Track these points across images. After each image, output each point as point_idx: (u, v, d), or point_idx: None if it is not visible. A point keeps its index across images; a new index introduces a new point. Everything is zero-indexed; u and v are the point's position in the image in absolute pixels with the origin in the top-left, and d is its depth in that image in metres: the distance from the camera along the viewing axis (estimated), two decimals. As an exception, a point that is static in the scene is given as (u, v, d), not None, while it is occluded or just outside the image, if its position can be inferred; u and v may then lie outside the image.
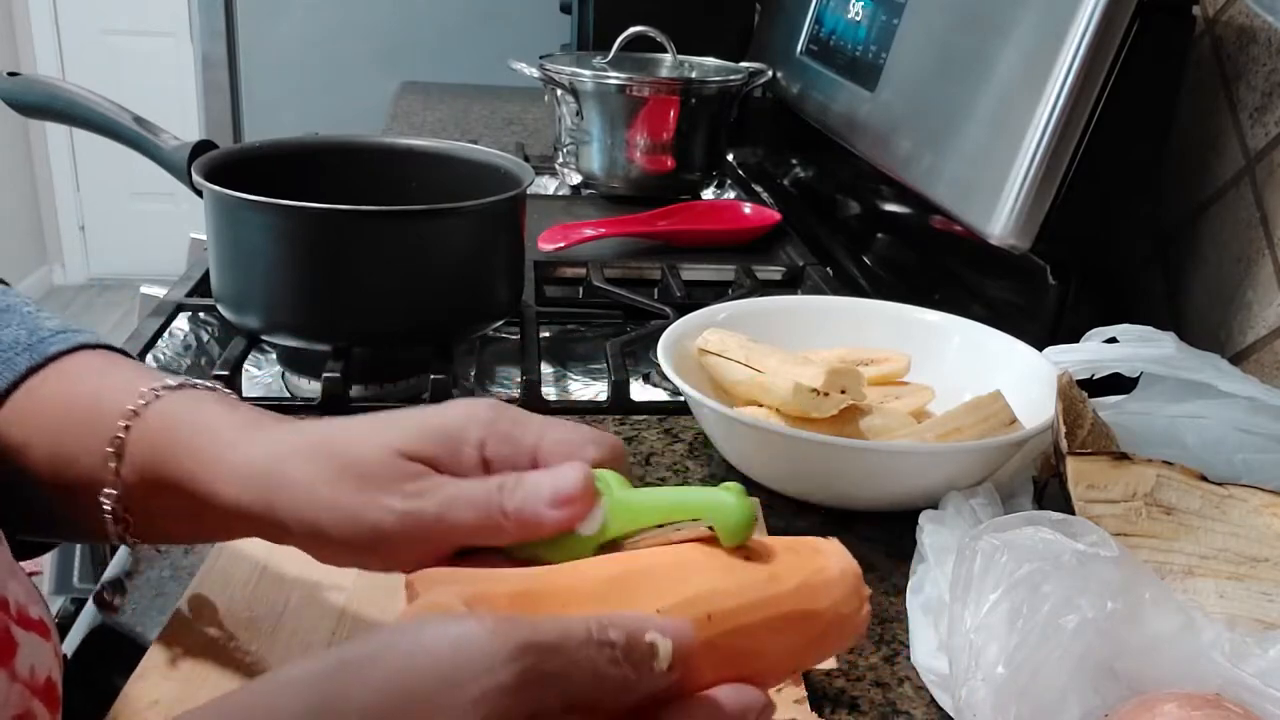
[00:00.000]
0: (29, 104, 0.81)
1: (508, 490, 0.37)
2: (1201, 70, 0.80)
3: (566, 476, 0.37)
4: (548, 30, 1.96)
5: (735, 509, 0.36)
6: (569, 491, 0.37)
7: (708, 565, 0.36)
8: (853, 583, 0.37)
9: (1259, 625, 0.49)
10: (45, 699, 0.35)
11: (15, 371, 0.44)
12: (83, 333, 0.47)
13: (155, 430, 0.42)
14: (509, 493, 0.37)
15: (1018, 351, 0.70)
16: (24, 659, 0.34)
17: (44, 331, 0.46)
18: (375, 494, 0.38)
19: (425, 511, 0.38)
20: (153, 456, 0.41)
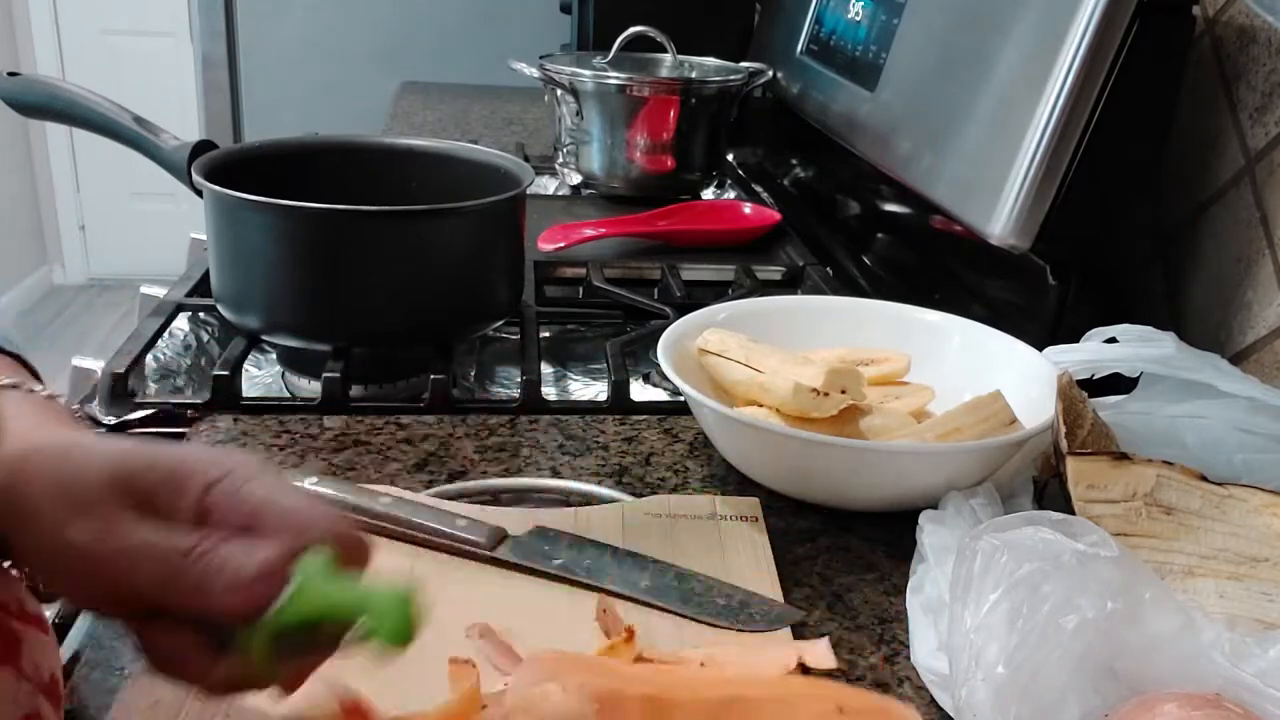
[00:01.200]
0: (29, 104, 0.82)
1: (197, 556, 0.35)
2: (1201, 70, 0.80)
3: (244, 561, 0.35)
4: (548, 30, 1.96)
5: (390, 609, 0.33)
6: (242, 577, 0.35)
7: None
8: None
9: (1259, 625, 0.49)
10: (50, 696, 0.35)
11: None
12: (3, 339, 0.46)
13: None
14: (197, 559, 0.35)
15: (1018, 351, 0.70)
16: (28, 655, 0.34)
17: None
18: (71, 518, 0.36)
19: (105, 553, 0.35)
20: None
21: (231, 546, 0.35)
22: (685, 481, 0.66)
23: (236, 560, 0.35)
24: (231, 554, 0.35)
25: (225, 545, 0.36)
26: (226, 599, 0.35)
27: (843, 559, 0.59)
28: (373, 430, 0.70)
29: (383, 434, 0.69)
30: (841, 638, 0.53)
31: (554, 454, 0.69)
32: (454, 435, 0.70)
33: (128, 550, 0.35)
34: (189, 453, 0.38)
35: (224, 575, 0.35)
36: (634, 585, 0.54)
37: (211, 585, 0.35)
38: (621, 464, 0.68)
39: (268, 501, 0.37)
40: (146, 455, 0.37)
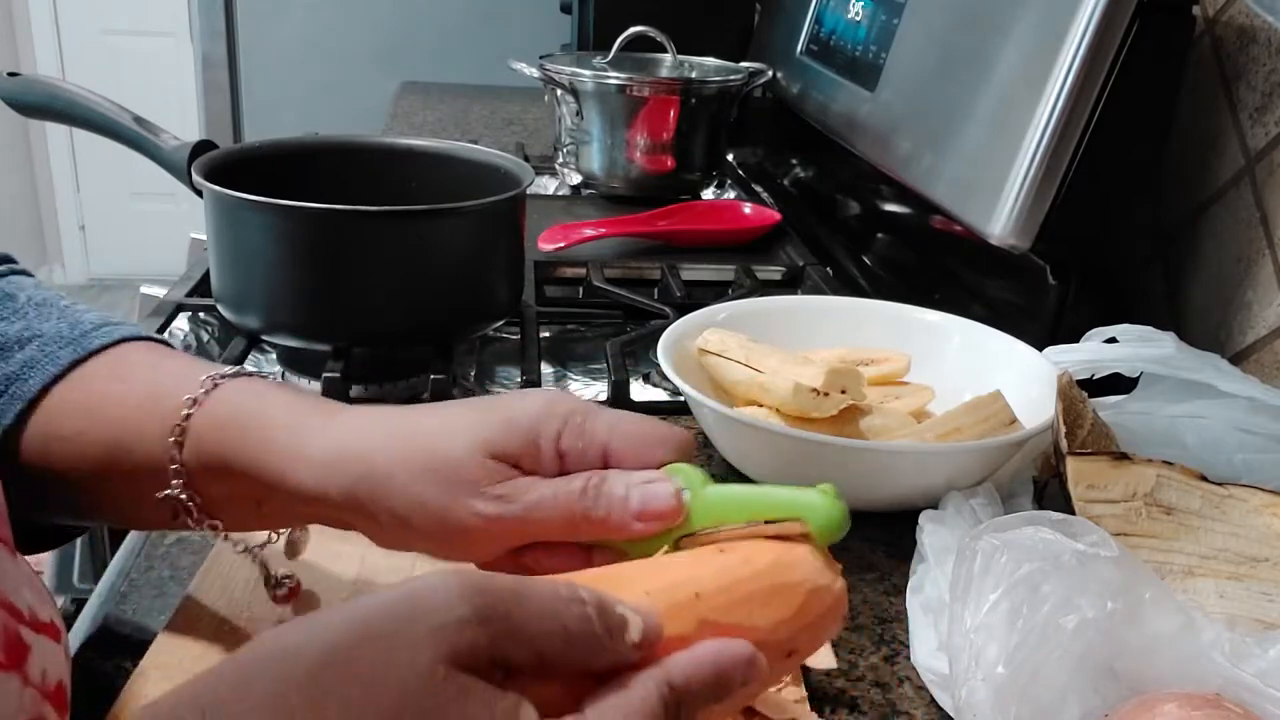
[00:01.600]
0: (29, 104, 0.81)
1: (590, 496, 0.39)
2: (1201, 70, 0.80)
3: (656, 493, 0.38)
4: (548, 30, 1.96)
5: (827, 510, 0.36)
6: (659, 508, 0.38)
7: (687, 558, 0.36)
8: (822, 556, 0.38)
9: (1259, 625, 0.49)
10: (56, 703, 0.35)
11: (59, 365, 0.44)
12: (123, 325, 0.48)
13: (218, 417, 0.42)
14: (592, 499, 0.39)
15: (1018, 351, 0.70)
16: (35, 663, 0.34)
17: (85, 325, 0.46)
18: (462, 496, 0.39)
19: (510, 515, 0.39)
20: (217, 443, 0.42)
21: (615, 478, 0.39)
22: (685, 481, 0.66)
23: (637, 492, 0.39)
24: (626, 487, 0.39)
25: (609, 478, 0.39)
26: (639, 528, 0.38)
27: (843, 559, 0.59)
28: (373, 430, 0.69)
29: (383, 434, 0.69)
30: (841, 638, 0.53)
31: (554, 454, 0.68)
32: (454, 435, 0.70)
33: (530, 507, 0.39)
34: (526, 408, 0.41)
35: (632, 505, 0.38)
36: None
37: (622, 518, 0.38)
38: (621, 464, 0.68)
39: (613, 433, 0.41)
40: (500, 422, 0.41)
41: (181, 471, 0.42)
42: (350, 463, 0.40)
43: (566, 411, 0.41)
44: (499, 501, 0.39)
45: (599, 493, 0.39)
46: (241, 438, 0.42)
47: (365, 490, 0.40)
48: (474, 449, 0.40)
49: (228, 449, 0.42)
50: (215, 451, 0.42)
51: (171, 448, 0.42)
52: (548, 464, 0.40)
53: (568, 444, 0.40)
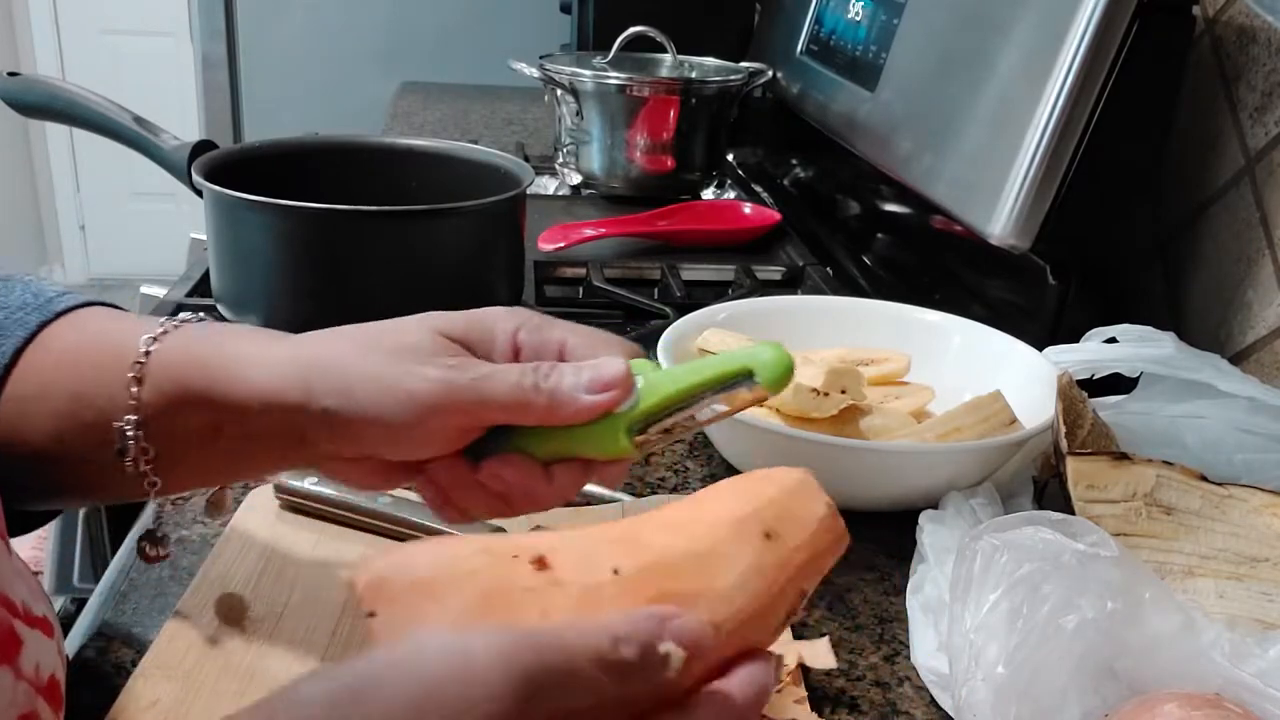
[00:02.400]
0: (29, 104, 0.82)
1: (543, 371, 0.39)
2: (1201, 70, 0.80)
3: (607, 365, 0.39)
4: (548, 30, 1.96)
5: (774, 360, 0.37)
6: (609, 378, 0.39)
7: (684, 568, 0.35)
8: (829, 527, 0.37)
9: (1259, 625, 0.49)
10: (49, 698, 0.35)
11: (27, 329, 0.44)
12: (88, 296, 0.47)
13: (181, 349, 0.43)
14: (544, 374, 0.39)
15: (1018, 351, 0.70)
16: (28, 657, 0.34)
17: (50, 293, 0.46)
18: (412, 364, 0.39)
19: (460, 382, 0.39)
20: (180, 371, 0.42)
21: (569, 364, 0.40)
22: (685, 481, 0.66)
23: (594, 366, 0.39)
24: (580, 366, 0.40)
25: (564, 364, 0.40)
26: (589, 400, 0.39)
27: (843, 559, 0.59)
28: (373, 430, 0.69)
29: (383, 434, 0.69)
30: (841, 638, 0.53)
31: (554, 454, 0.68)
32: (454, 435, 0.70)
33: (484, 375, 0.39)
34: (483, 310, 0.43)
35: (582, 377, 0.39)
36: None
37: (573, 390, 0.39)
38: (621, 464, 0.68)
39: (569, 333, 0.42)
40: (448, 316, 0.42)
41: (138, 409, 0.42)
42: (307, 357, 0.41)
43: (525, 313, 0.43)
44: (449, 369, 0.39)
45: (552, 369, 0.39)
46: (201, 361, 0.42)
47: (318, 376, 0.40)
48: (426, 328, 0.41)
49: (187, 374, 0.42)
50: (175, 379, 0.42)
51: (130, 384, 0.42)
52: (502, 354, 0.42)
53: (524, 337, 0.42)
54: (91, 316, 0.46)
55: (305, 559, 0.55)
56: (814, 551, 0.37)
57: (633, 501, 0.62)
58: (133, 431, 0.42)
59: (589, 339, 0.42)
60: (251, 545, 0.55)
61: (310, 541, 0.56)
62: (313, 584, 0.53)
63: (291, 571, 0.54)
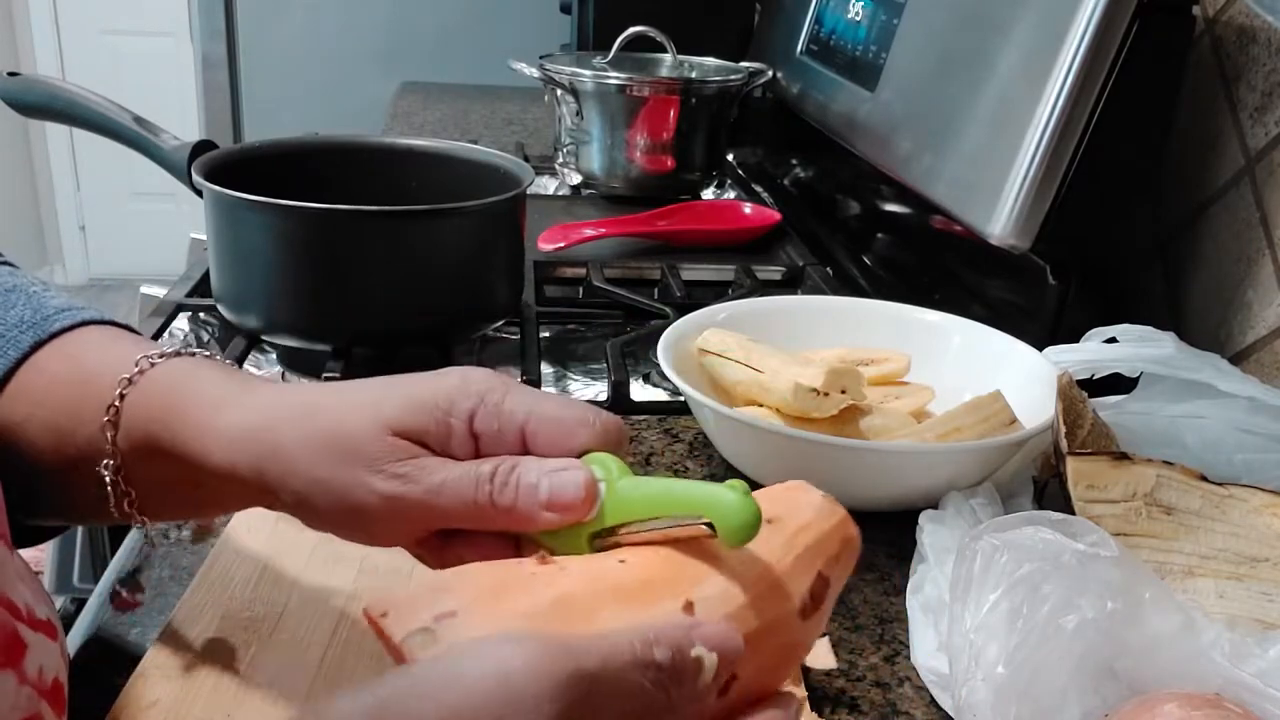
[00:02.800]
0: (29, 104, 0.81)
1: (499, 481, 0.36)
2: (1201, 70, 0.80)
3: (565, 482, 0.36)
4: (548, 30, 1.95)
5: (737, 508, 0.34)
6: (566, 499, 0.36)
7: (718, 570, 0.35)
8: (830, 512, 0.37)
9: (1259, 625, 0.49)
10: (53, 701, 0.35)
11: (20, 349, 0.44)
12: (88, 310, 0.47)
13: (149, 397, 0.41)
14: (499, 485, 0.36)
15: (1018, 351, 0.70)
16: (32, 660, 0.34)
17: (48, 309, 0.46)
18: (361, 473, 0.37)
19: (410, 496, 0.37)
20: (146, 424, 0.41)
21: (528, 464, 0.37)
22: (685, 481, 0.66)
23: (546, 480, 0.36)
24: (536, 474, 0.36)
25: (522, 464, 0.37)
26: (547, 517, 0.36)
27: (843, 559, 0.59)
28: (373, 430, 0.69)
29: (383, 434, 0.69)
30: (841, 638, 0.53)
31: (554, 454, 0.68)
32: (454, 435, 0.70)
33: (433, 489, 0.37)
34: (438, 386, 0.39)
35: (540, 495, 0.36)
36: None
37: (529, 506, 0.36)
38: (621, 464, 0.68)
39: (531, 415, 0.38)
40: (402, 399, 0.39)
41: (115, 455, 0.41)
42: (256, 439, 0.39)
43: (482, 389, 0.39)
44: (400, 480, 0.37)
45: (508, 478, 0.37)
46: (165, 417, 0.41)
47: (271, 468, 0.38)
48: (376, 426, 0.38)
49: (154, 430, 0.41)
50: (144, 433, 0.41)
51: (106, 428, 0.41)
52: (460, 445, 0.38)
53: (482, 424, 0.38)
54: (84, 341, 0.45)
55: (306, 559, 0.55)
56: (820, 534, 0.37)
57: (633, 501, 0.62)
58: (111, 477, 0.42)
59: (553, 425, 0.38)
60: (252, 546, 0.55)
61: (311, 541, 0.56)
62: (313, 585, 0.53)
63: (292, 572, 0.54)
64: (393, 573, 0.54)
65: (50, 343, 0.44)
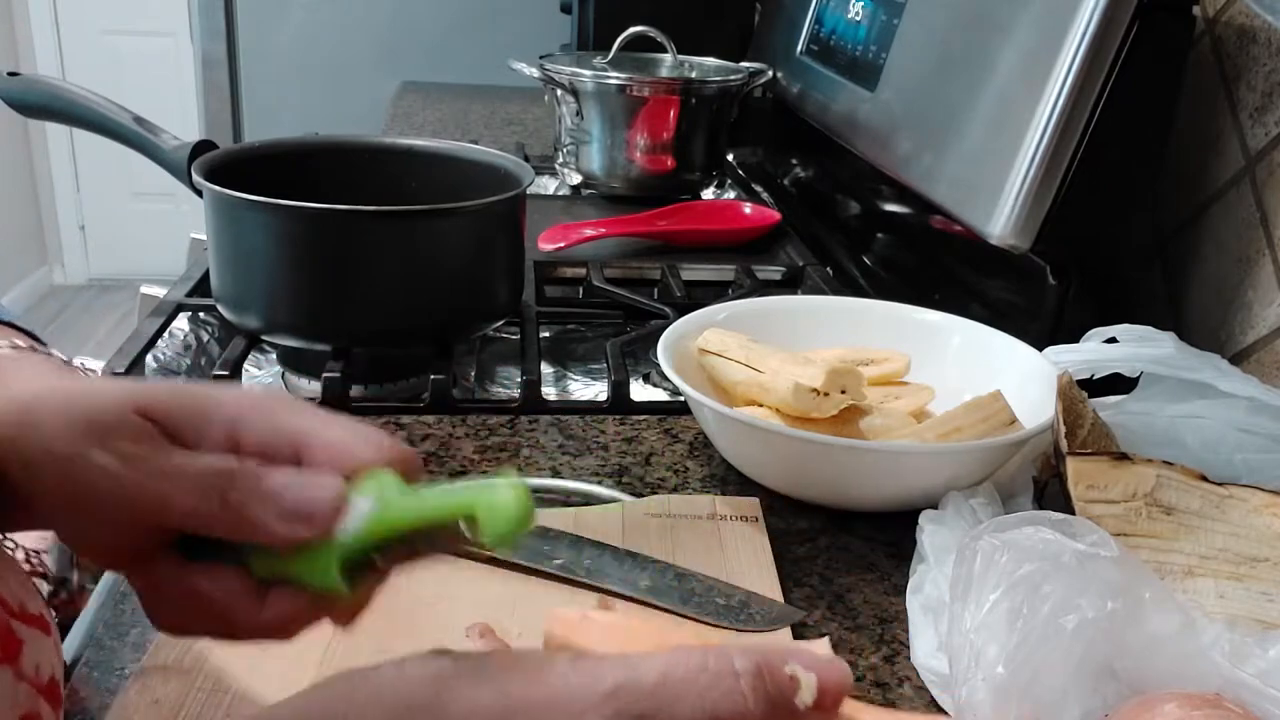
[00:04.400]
0: (29, 104, 0.82)
1: (239, 479, 0.33)
2: (1201, 70, 0.80)
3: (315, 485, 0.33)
4: (548, 30, 1.95)
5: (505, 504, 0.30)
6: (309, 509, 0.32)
7: None
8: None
9: (1259, 625, 0.49)
10: (50, 698, 0.35)
11: None
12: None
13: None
14: (239, 483, 0.32)
15: (1018, 351, 0.70)
16: (29, 657, 0.34)
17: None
18: (91, 445, 0.33)
19: (131, 475, 0.33)
20: None
21: (283, 472, 0.33)
22: (685, 481, 0.66)
23: (298, 486, 0.33)
24: (289, 479, 0.33)
25: (275, 471, 0.33)
26: (287, 527, 0.32)
27: (843, 559, 0.59)
28: (373, 430, 0.69)
29: (383, 434, 0.69)
30: (841, 638, 0.53)
31: (554, 454, 0.69)
32: (454, 435, 0.70)
33: (162, 473, 0.33)
34: (211, 386, 0.36)
35: (284, 501, 0.32)
36: (634, 585, 0.54)
37: (266, 513, 0.32)
38: (621, 464, 0.68)
39: (310, 432, 0.34)
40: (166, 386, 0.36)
41: None
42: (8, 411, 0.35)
43: (259, 396, 0.35)
44: (127, 458, 0.33)
45: (248, 478, 0.32)
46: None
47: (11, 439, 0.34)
48: (122, 399, 0.34)
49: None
50: None
51: None
52: (214, 443, 0.34)
53: (249, 428, 0.34)
54: None
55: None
56: None
57: (633, 502, 0.62)
58: None
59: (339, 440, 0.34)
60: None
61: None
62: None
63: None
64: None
65: None
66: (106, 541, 0.35)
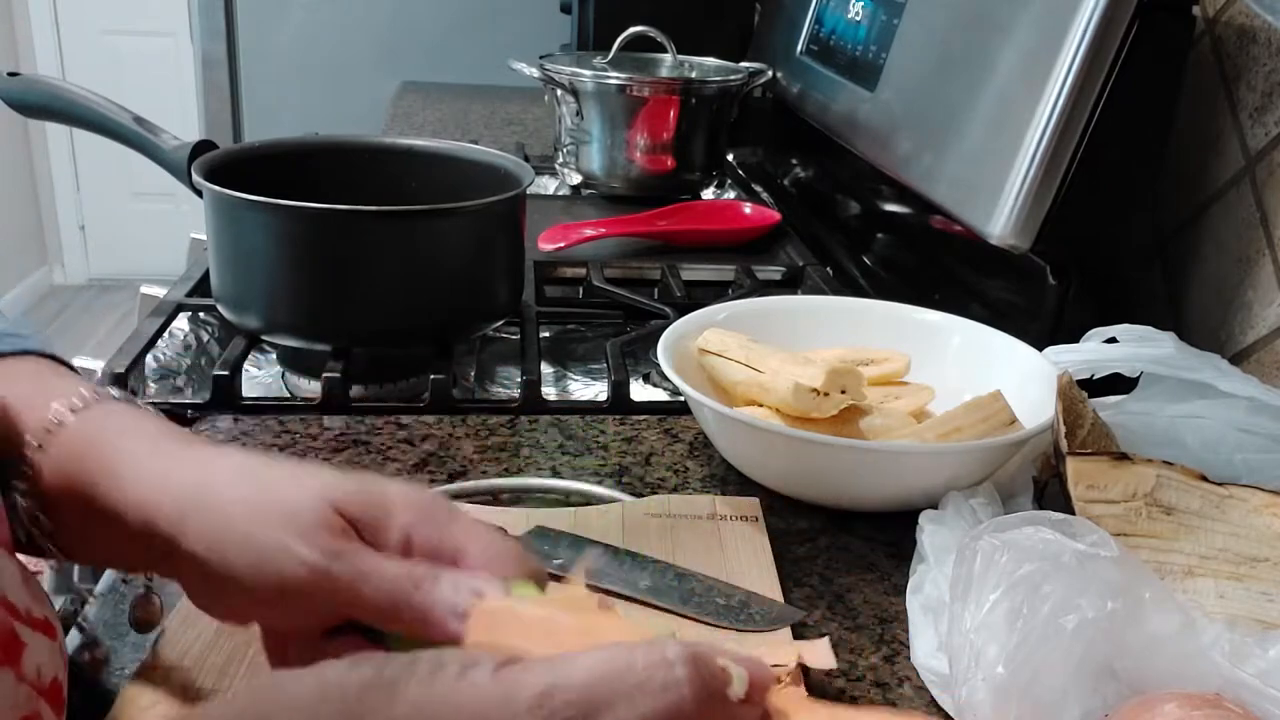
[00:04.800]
0: (29, 104, 0.82)
1: (425, 583, 0.35)
2: (1201, 70, 0.80)
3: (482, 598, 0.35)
4: (548, 30, 1.96)
5: None
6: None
7: None
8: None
9: (1259, 625, 0.49)
10: (51, 700, 0.35)
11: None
12: (30, 339, 0.46)
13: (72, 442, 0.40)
14: (425, 586, 0.35)
15: (1018, 351, 0.70)
16: (30, 659, 0.34)
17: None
18: (293, 540, 0.36)
19: (337, 575, 0.36)
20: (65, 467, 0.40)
21: (454, 576, 0.36)
22: (685, 481, 0.66)
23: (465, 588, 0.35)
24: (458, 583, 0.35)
25: (447, 575, 0.36)
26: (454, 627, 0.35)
27: (843, 559, 0.59)
28: (373, 430, 0.70)
29: (383, 434, 0.69)
30: (841, 638, 0.53)
31: (554, 454, 0.69)
32: (454, 435, 0.70)
33: (360, 572, 0.36)
34: (387, 483, 0.39)
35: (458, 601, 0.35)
36: (634, 585, 0.54)
37: (445, 619, 0.35)
38: (621, 464, 0.68)
39: (470, 539, 0.37)
40: (352, 483, 0.38)
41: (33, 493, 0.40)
42: (189, 486, 0.38)
43: (426, 503, 0.39)
44: (331, 556, 0.36)
45: (434, 581, 0.35)
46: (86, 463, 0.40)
47: (195, 516, 0.37)
48: (319, 498, 0.37)
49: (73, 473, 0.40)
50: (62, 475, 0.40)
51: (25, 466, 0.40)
52: (389, 545, 0.37)
53: (419, 533, 0.38)
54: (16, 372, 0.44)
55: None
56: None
57: (633, 502, 0.62)
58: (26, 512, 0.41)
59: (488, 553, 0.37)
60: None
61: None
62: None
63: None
64: (393, 573, 0.54)
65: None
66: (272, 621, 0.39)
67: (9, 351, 0.44)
